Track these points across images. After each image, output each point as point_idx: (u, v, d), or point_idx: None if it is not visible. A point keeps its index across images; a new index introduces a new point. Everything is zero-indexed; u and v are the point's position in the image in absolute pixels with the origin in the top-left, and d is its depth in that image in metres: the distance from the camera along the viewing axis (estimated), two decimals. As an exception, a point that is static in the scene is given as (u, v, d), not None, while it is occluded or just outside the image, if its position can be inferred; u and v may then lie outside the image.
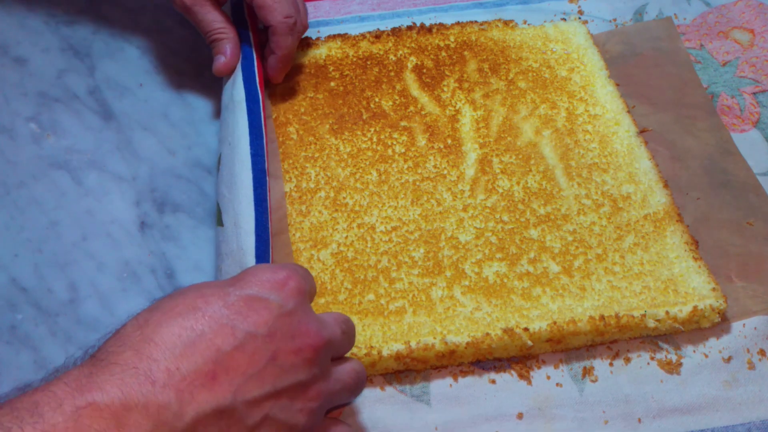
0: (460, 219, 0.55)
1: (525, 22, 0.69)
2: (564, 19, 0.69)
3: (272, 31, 0.59)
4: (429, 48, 0.66)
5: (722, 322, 0.51)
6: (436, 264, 0.53)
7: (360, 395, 0.43)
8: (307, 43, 0.66)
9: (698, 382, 0.49)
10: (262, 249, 0.50)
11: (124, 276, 0.55)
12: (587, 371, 0.50)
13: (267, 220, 0.51)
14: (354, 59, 0.65)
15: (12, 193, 0.58)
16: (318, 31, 0.69)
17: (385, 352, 0.48)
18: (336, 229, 0.54)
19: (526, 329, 0.48)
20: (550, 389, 0.49)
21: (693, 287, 0.51)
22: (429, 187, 0.57)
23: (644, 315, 0.49)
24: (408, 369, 0.50)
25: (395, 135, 0.60)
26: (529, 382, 0.49)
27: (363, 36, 0.66)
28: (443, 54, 0.65)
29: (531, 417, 0.48)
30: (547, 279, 0.52)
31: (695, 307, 0.50)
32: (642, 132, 0.61)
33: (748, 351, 0.51)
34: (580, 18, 0.70)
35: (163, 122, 0.63)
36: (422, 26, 0.67)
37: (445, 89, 0.63)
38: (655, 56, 0.66)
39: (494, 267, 0.52)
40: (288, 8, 0.58)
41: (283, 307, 0.37)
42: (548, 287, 0.51)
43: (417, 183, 0.57)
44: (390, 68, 0.64)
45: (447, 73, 0.64)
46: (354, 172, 0.57)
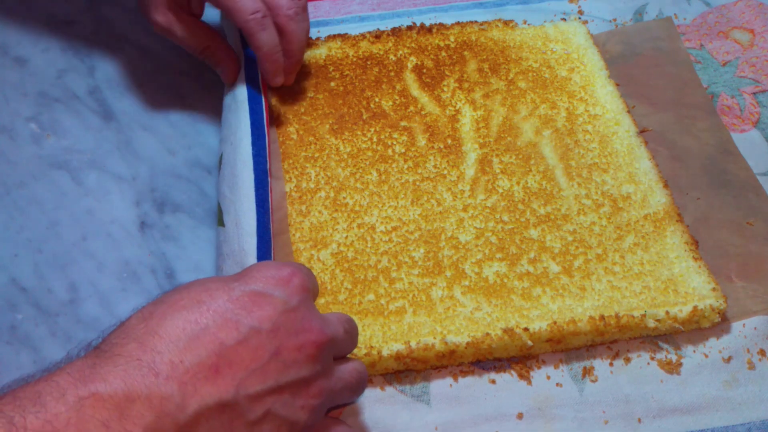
0: (460, 219, 0.55)
1: (525, 22, 0.69)
2: (564, 19, 0.69)
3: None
4: (429, 48, 0.66)
5: (722, 322, 0.51)
6: (436, 264, 0.53)
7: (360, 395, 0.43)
8: (307, 43, 0.66)
9: (698, 382, 0.49)
10: (264, 250, 0.50)
11: (124, 276, 0.55)
12: (587, 371, 0.50)
13: (268, 221, 0.51)
14: (354, 59, 0.65)
15: (12, 193, 0.58)
16: (318, 31, 0.69)
17: (385, 352, 0.48)
18: (336, 229, 0.54)
19: (526, 329, 0.48)
20: (550, 389, 0.49)
21: (693, 287, 0.51)
22: (429, 187, 0.57)
23: (644, 315, 0.49)
24: (408, 369, 0.50)
25: (395, 135, 0.60)
26: (529, 382, 0.49)
27: (363, 36, 0.66)
28: (443, 54, 0.65)
29: (531, 417, 0.48)
30: (547, 279, 0.52)
31: (695, 307, 0.50)
32: (642, 132, 0.61)
33: (748, 351, 0.51)
34: (580, 18, 0.70)
35: (163, 122, 0.63)
36: (422, 26, 0.67)
37: (445, 89, 0.63)
38: (655, 56, 0.66)
39: (494, 267, 0.52)
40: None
41: (287, 304, 0.38)
42: (548, 287, 0.51)
43: (417, 183, 0.57)
44: (390, 68, 0.64)
45: (447, 73, 0.64)
46: (354, 172, 0.57)
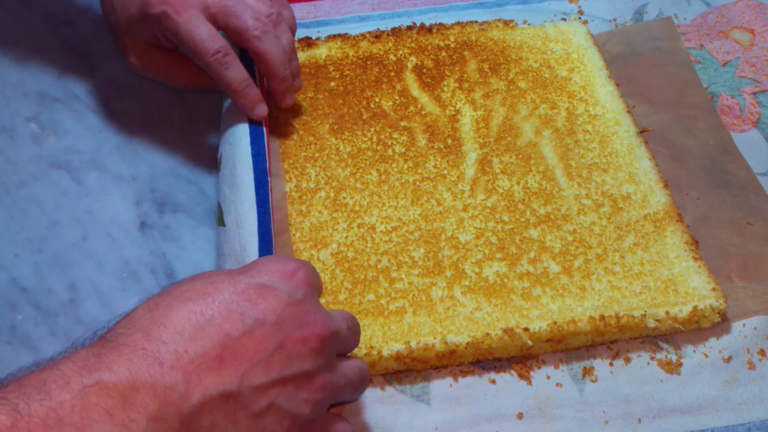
0: (460, 219, 0.55)
1: (525, 22, 0.69)
2: (564, 19, 0.69)
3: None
4: (429, 48, 0.66)
5: (722, 322, 0.51)
6: (436, 264, 0.53)
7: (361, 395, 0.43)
8: (307, 43, 0.66)
9: (698, 382, 0.49)
10: (266, 249, 0.50)
11: (124, 276, 0.55)
12: (587, 371, 0.50)
13: (269, 221, 0.51)
14: (354, 59, 0.65)
15: (12, 193, 0.58)
16: (318, 31, 0.69)
17: (385, 352, 0.48)
18: (336, 229, 0.54)
19: (526, 329, 0.48)
20: (550, 389, 0.49)
21: (693, 287, 0.51)
22: (429, 187, 0.57)
23: (644, 315, 0.49)
24: (408, 369, 0.50)
25: (395, 135, 0.60)
26: (529, 382, 0.49)
27: (363, 36, 0.66)
28: (443, 54, 0.65)
29: (531, 417, 0.48)
30: (547, 279, 0.52)
31: (695, 307, 0.50)
32: (642, 132, 0.61)
33: (748, 351, 0.51)
34: (580, 18, 0.70)
35: (163, 122, 0.63)
36: (422, 26, 0.67)
37: (445, 89, 0.63)
38: (655, 56, 0.66)
39: (494, 267, 0.52)
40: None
41: (292, 297, 0.38)
42: (548, 287, 0.51)
43: (417, 183, 0.57)
44: (390, 68, 0.64)
45: (447, 73, 0.64)
46: (354, 172, 0.57)
